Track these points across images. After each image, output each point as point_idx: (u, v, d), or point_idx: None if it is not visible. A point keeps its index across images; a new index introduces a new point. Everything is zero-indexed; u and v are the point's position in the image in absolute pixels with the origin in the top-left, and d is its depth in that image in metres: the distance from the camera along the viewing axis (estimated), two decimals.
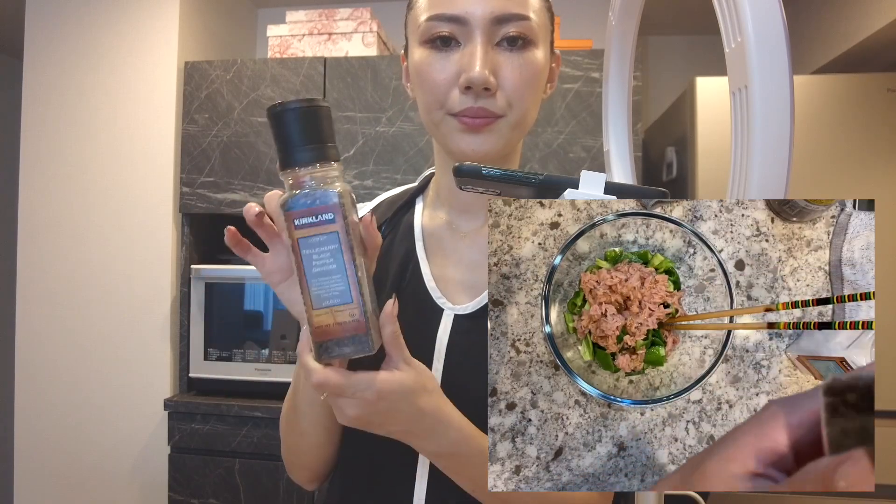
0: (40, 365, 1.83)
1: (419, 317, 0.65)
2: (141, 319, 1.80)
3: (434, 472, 0.61)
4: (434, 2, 0.59)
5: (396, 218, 0.73)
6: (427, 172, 0.77)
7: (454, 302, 0.65)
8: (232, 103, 1.79)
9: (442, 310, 0.65)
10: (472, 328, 0.64)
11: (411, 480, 0.62)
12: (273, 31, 1.88)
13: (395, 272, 0.67)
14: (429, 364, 0.63)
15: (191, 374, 1.75)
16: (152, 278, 1.80)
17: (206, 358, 1.74)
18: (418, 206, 0.73)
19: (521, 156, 0.71)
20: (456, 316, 0.64)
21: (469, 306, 0.65)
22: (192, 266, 1.77)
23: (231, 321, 1.76)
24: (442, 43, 0.59)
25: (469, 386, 0.61)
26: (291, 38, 1.87)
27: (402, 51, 0.68)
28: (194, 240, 1.84)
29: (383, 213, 0.72)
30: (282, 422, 0.68)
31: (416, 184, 0.76)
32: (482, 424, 0.61)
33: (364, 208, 0.74)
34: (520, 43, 0.58)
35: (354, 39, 1.84)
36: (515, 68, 0.58)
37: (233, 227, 0.51)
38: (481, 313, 0.64)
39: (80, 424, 1.82)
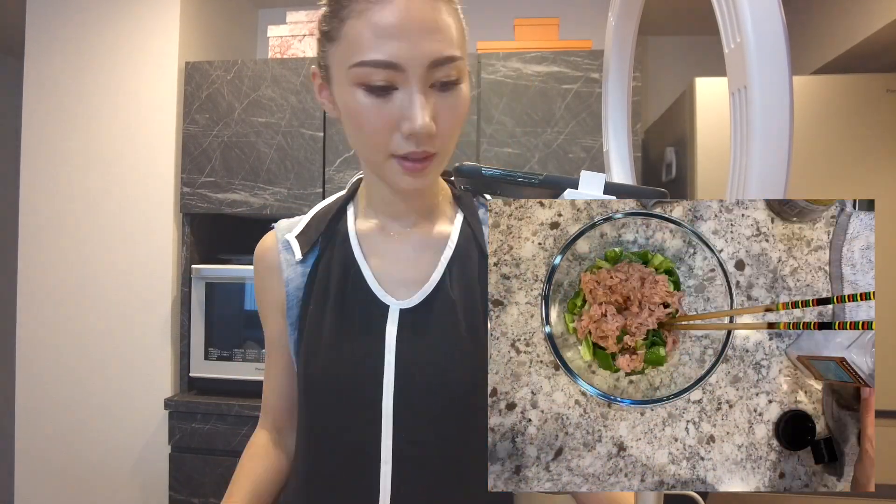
0: (41, 364, 1.83)
1: (367, 315, 0.67)
2: (142, 319, 1.80)
3: (398, 464, 0.64)
4: (365, 44, 0.56)
5: (330, 228, 0.74)
6: (355, 179, 0.78)
7: (397, 297, 0.68)
8: (232, 103, 1.79)
9: (388, 306, 0.68)
10: (417, 321, 0.67)
11: (377, 474, 0.65)
12: (273, 31, 1.88)
13: (338, 278, 0.69)
14: (381, 358, 0.65)
15: (191, 374, 1.76)
16: (153, 278, 1.80)
17: (206, 357, 1.75)
18: (350, 213, 0.75)
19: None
20: (401, 310, 0.67)
21: (412, 300, 0.68)
22: (193, 266, 1.77)
23: (231, 321, 1.76)
24: (379, 89, 0.57)
25: (419, 377, 0.65)
26: (292, 38, 1.87)
27: (315, 67, 0.66)
28: (195, 239, 1.84)
29: (317, 226, 0.73)
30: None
31: (345, 192, 0.77)
32: (436, 413, 0.65)
33: (299, 224, 0.75)
34: (452, 84, 0.59)
35: None
36: (450, 109, 0.59)
37: None
38: (423, 306, 0.67)
39: (80, 424, 1.82)
